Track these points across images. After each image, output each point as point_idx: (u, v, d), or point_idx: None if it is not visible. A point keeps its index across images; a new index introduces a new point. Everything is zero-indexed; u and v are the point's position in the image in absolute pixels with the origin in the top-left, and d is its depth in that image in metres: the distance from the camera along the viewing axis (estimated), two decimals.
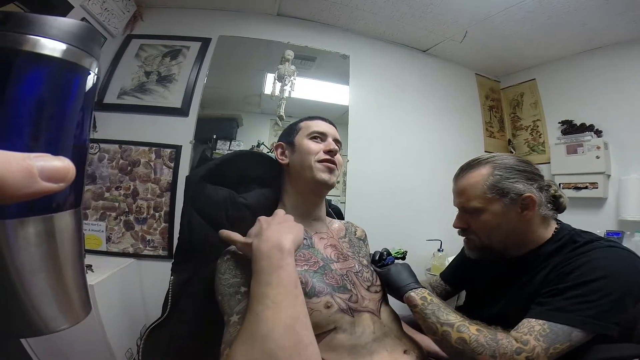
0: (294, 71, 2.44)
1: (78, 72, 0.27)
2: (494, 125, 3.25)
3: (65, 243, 0.27)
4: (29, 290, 0.25)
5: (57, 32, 0.25)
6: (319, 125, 0.97)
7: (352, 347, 0.75)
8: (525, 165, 0.91)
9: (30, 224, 0.24)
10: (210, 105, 2.34)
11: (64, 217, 0.26)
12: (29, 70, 0.24)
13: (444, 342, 0.79)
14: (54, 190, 0.20)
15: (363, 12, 2.47)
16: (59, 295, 0.27)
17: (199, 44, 2.34)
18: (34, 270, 0.25)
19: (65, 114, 0.26)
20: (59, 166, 0.20)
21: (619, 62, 2.63)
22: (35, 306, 0.25)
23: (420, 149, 2.78)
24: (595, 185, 2.63)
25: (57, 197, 0.26)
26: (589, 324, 0.72)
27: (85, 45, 0.27)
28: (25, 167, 0.18)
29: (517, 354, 0.71)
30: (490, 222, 0.89)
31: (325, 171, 0.91)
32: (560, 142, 2.85)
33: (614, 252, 0.81)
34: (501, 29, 2.55)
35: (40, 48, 0.24)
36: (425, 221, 2.63)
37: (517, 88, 3.26)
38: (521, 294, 0.87)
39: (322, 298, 0.76)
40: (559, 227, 0.92)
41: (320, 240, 0.92)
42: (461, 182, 0.95)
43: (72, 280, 0.28)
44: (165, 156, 2.10)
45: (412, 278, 0.92)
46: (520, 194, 0.86)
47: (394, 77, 2.79)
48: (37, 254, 0.25)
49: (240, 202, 0.94)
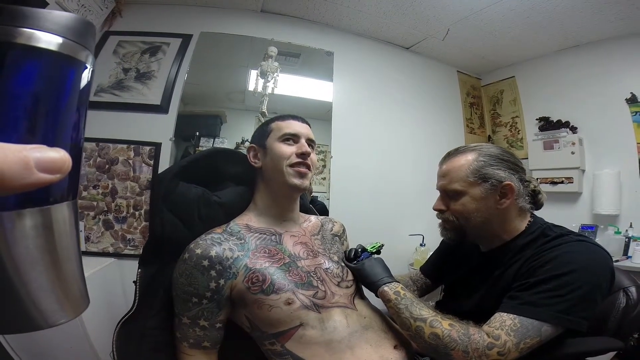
0: (277, 68, 2.31)
1: (74, 65, 0.25)
2: (475, 122, 3.17)
3: (63, 235, 0.25)
4: (28, 284, 0.23)
5: (52, 25, 0.23)
6: (290, 126, 0.90)
7: (327, 343, 0.73)
8: (510, 156, 0.89)
9: (28, 216, 0.22)
10: (192, 101, 2.21)
11: (62, 209, 0.25)
12: (25, 63, 0.22)
13: (418, 338, 0.76)
14: (50, 182, 0.19)
15: (348, 8, 2.37)
16: (58, 287, 0.26)
17: (180, 40, 2.19)
18: (32, 263, 0.23)
19: (61, 107, 0.24)
20: (55, 157, 0.19)
21: (595, 60, 2.57)
22: (34, 300, 0.24)
23: (403, 145, 2.70)
24: (570, 180, 2.58)
25: (54, 189, 0.24)
26: (559, 319, 0.70)
27: (81, 38, 0.25)
28: (21, 159, 0.18)
29: (489, 349, 0.69)
30: (469, 206, 0.86)
31: (296, 176, 0.85)
32: (537, 138, 2.80)
33: (584, 246, 0.79)
34: (482, 26, 2.47)
35: (36, 41, 0.22)
36: (408, 216, 2.56)
37: (497, 85, 3.17)
38: (495, 287, 0.84)
39: (281, 295, 0.74)
40: (532, 220, 0.90)
41: (291, 238, 0.88)
42: (446, 165, 0.92)
43: (71, 272, 0.27)
44: (144, 154, 1.95)
45: (386, 272, 0.88)
46: (501, 182, 0.84)
47: (378, 74, 2.70)
48: (35, 246, 0.23)
49: (214, 200, 0.89)
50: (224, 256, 0.75)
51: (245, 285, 0.74)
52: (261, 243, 0.82)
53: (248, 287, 0.74)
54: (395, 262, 2.46)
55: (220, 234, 0.80)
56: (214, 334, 0.76)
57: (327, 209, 2.25)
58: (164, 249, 0.83)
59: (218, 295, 0.74)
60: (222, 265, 0.74)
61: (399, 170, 2.63)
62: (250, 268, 0.76)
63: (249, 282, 0.75)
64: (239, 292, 0.75)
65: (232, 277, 0.75)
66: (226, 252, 0.76)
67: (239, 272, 0.75)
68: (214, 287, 0.74)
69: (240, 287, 0.75)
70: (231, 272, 0.75)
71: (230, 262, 0.75)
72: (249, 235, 0.83)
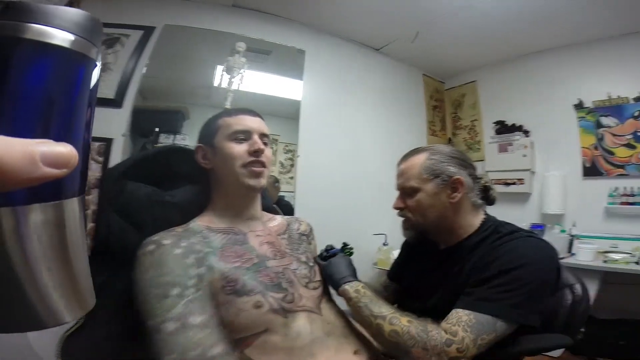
0: (244, 63, 2.16)
1: (85, 63, 0.23)
2: (437, 124, 3.18)
3: (73, 230, 0.23)
4: (38, 280, 0.22)
5: (62, 21, 0.22)
6: (240, 121, 0.79)
7: (289, 350, 0.66)
8: (459, 154, 0.93)
9: (41, 211, 0.21)
10: (153, 96, 2.01)
11: (73, 204, 0.23)
12: (37, 59, 0.21)
13: (379, 336, 0.74)
14: (56, 176, 0.18)
15: (323, 7, 2.26)
16: (68, 284, 0.24)
17: (141, 32, 1.97)
18: (43, 258, 0.22)
19: (72, 105, 0.23)
20: (62, 152, 0.18)
21: (548, 66, 2.62)
22: (44, 297, 0.22)
23: (368, 144, 2.65)
24: (522, 181, 2.64)
25: (66, 183, 0.22)
26: (511, 314, 0.71)
27: (91, 35, 0.24)
28: (27, 153, 0.17)
29: (447, 346, 0.68)
30: (425, 201, 0.88)
31: (251, 176, 0.76)
32: (493, 141, 2.85)
33: (532, 242, 0.81)
34: (450, 31, 2.44)
35: (49, 37, 0.21)
36: (372, 215, 2.50)
37: (460, 89, 3.18)
38: (453, 284, 0.84)
39: (252, 297, 0.66)
40: (486, 218, 0.91)
41: (256, 237, 0.80)
42: (402, 166, 0.95)
43: (80, 268, 0.25)
44: (93, 150, 1.74)
45: (350, 271, 0.85)
46: (451, 176, 0.87)
47: (347, 74, 2.63)
48: (47, 241, 0.22)
49: (167, 200, 0.81)
50: (194, 249, 0.67)
51: (221, 283, 0.66)
52: (227, 242, 0.74)
53: (223, 285, 0.66)
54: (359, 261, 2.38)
55: (182, 232, 0.71)
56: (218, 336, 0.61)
57: (292, 208, 2.14)
58: (112, 256, 0.73)
59: (202, 285, 0.64)
60: (196, 255, 0.66)
61: (363, 170, 2.56)
62: (221, 266, 0.67)
63: (224, 281, 0.66)
64: (214, 291, 0.66)
65: (209, 271, 0.66)
66: (196, 245, 0.68)
67: (213, 268, 0.67)
68: (196, 275, 0.64)
69: (217, 285, 0.66)
70: (206, 265, 0.66)
71: (202, 255, 0.67)
72: (212, 234, 0.74)
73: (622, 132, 2.27)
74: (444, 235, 0.92)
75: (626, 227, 2.19)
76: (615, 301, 2.08)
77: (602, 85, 2.34)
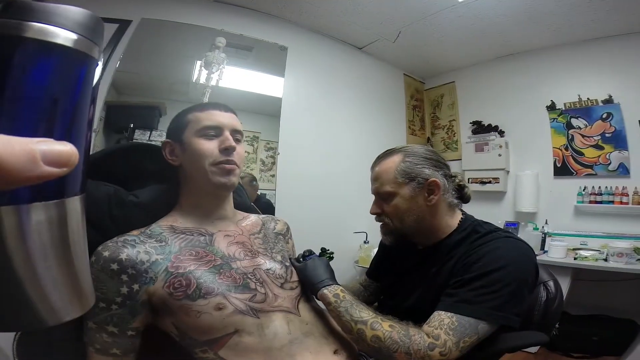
0: (224, 59, 2.08)
1: (87, 62, 0.23)
2: (416, 124, 3.19)
3: (75, 228, 0.24)
4: (40, 278, 0.22)
5: (64, 20, 0.22)
6: (211, 117, 0.74)
7: (266, 351, 0.65)
8: (432, 154, 0.91)
9: (43, 209, 0.21)
10: (129, 91, 1.93)
11: (74, 202, 0.23)
12: (39, 58, 0.21)
13: (360, 341, 0.72)
14: (56, 175, 0.18)
15: (307, 4, 2.21)
16: (69, 282, 0.24)
17: (116, 26, 1.87)
18: (46, 257, 0.22)
19: (74, 103, 0.23)
20: (62, 150, 0.18)
21: (524, 68, 2.67)
22: (45, 295, 0.22)
23: (348, 143, 2.63)
24: (497, 180, 2.69)
25: (68, 182, 0.23)
26: (493, 316, 0.70)
27: (93, 35, 0.23)
28: (28, 151, 0.17)
29: (431, 350, 0.67)
30: (402, 206, 0.86)
31: (222, 174, 0.72)
32: (470, 140, 2.88)
33: (511, 242, 0.80)
34: (431, 31, 2.44)
35: (52, 36, 0.21)
36: (353, 213, 2.48)
37: (439, 90, 3.21)
38: (433, 284, 0.83)
39: (210, 299, 0.64)
40: (464, 217, 0.91)
41: (225, 238, 0.77)
42: (376, 170, 0.92)
43: (82, 267, 0.25)
44: None
45: (328, 274, 0.82)
46: (427, 179, 0.85)
47: (329, 72, 2.60)
48: (49, 240, 0.22)
49: (130, 200, 0.77)
50: (137, 259, 0.65)
51: (166, 291, 0.64)
52: (187, 245, 0.71)
53: (170, 292, 0.64)
54: (341, 260, 2.41)
55: (136, 236, 0.69)
56: (125, 342, 0.64)
57: (272, 206, 2.10)
58: None
59: (131, 301, 0.63)
60: (135, 269, 0.64)
61: (343, 168, 2.54)
62: (171, 272, 0.66)
63: (170, 288, 0.64)
64: (160, 299, 0.64)
65: (149, 282, 0.64)
66: (141, 255, 0.65)
67: (157, 276, 0.65)
68: (126, 293, 0.63)
69: (161, 293, 0.64)
70: (147, 276, 0.64)
71: (146, 265, 0.65)
72: (172, 237, 0.71)
73: (591, 133, 2.34)
74: (423, 237, 0.91)
75: (594, 225, 2.26)
76: (586, 297, 2.15)
77: (574, 88, 2.41)
